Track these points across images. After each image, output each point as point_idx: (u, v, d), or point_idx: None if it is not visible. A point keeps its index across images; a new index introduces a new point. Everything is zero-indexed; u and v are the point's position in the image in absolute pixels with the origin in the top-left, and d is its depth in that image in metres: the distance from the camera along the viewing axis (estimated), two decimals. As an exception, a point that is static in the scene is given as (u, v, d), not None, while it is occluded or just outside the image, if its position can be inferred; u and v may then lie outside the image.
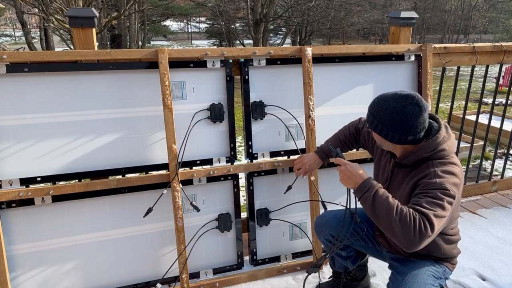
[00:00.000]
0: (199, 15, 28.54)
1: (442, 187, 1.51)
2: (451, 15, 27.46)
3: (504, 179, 3.42)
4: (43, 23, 15.45)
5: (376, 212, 1.49)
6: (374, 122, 1.61)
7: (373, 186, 1.54)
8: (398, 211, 1.45)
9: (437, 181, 1.53)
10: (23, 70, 1.86)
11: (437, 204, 1.47)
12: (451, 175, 1.56)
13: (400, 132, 1.57)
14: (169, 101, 1.99)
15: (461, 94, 11.59)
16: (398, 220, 1.43)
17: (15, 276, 1.99)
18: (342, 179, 1.63)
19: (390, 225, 1.45)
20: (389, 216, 1.45)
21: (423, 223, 1.43)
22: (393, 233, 1.46)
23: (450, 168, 1.58)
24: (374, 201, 1.50)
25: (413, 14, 2.52)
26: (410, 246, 1.44)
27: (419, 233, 1.42)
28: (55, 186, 1.96)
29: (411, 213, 1.44)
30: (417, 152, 1.62)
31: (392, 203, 1.48)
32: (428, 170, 1.59)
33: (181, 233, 2.08)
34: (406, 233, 1.42)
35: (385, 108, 1.58)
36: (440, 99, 3.85)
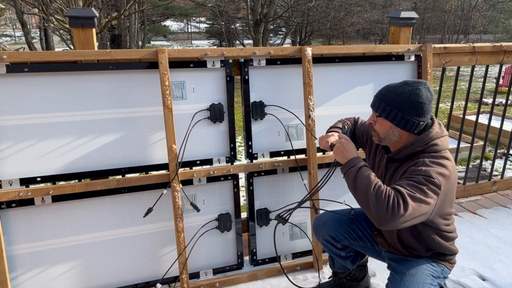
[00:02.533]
0: (199, 15, 28.53)
1: (426, 174, 1.52)
2: (451, 15, 27.45)
3: (504, 179, 3.42)
4: (43, 23, 15.46)
5: (357, 186, 1.51)
6: (388, 108, 1.60)
7: (359, 163, 1.56)
8: (375, 187, 1.47)
9: (423, 168, 1.55)
10: (23, 70, 1.86)
11: (418, 187, 1.48)
12: (440, 166, 1.57)
13: (415, 116, 1.58)
14: (169, 101, 1.99)
15: (461, 94, 11.59)
16: (374, 195, 1.45)
17: (15, 276, 1.99)
18: (336, 150, 1.65)
19: (366, 200, 1.47)
20: (367, 191, 1.47)
21: (397, 201, 1.43)
22: (368, 208, 1.47)
23: (440, 160, 1.59)
24: (356, 176, 1.52)
25: (413, 14, 2.52)
26: (382, 222, 1.44)
27: (392, 210, 1.42)
28: (55, 186, 1.96)
29: (387, 190, 1.46)
30: (410, 146, 1.63)
31: (372, 179, 1.49)
32: (417, 160, 1.61)
33: (181, 233, 2.08)
34: (379, 208, 1.43)
35: (400, 93, 1.59)
36: (440, 99, 3.85)
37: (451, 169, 1.60)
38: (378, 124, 1.66)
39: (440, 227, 1.69)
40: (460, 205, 3.15)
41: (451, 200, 1.68)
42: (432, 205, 1.50)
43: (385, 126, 1.64)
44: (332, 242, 1.93)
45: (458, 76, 2.94)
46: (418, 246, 1.72)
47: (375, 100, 1.66)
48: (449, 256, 1.76)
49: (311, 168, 2.28)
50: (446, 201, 1.63)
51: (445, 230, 1.72)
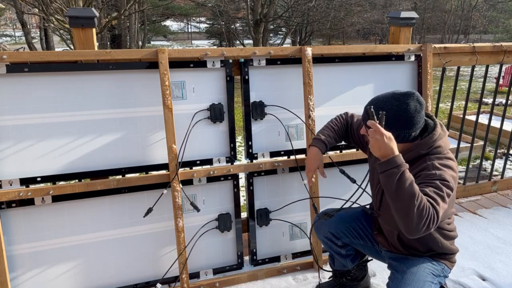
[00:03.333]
0: (199, 15, 28.54)
1: (442, 178, 1.53)
2: (451, 15, 27.44)
3: (504, 179, 3.42)
4: (43, 23, 15.46)
5: (398, 192, 1.46)
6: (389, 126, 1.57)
7: (403, 165, 1.49)
8: (419, 199, 1.44)
9: (436, 172, 1.55)
10: (23, 70, 1.86)
11: (440, 195, 1.49)
12: (449, 169, 1.58)
13: (405, 129, 1.59)
14: (169, 101, 1.99)
15: (461, 94, 11.59)
16: (416, 208, 1.43)
17: (15, 276, 1.99)
18: (373, 146, 1.53)
19: (407, 210, 1.44)
20: (411, 201, 1.43)
21: (433, 216, 1.45)
22: (406, 217, 1.45)
23: (446, 162, 1.60)
24: (400, 180, 1.46)
25: (413, 14, 2.52)
26: (414, 233, 1.46)
27: (428, 225, 1.44)
28: (55, 186, 1.96)
29: (428, 205, 1.45)
30: (414, 150, 1.63)
31: (416, 188, 1.46)
32: (425, 163, 1.60)
33: (181, 233, 2.08)
34: (418, 221, 1.43)
35: (387, 110, 1.57)
36: (440, 99, 3.84)
37: (456, 170, 1.62)
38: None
39: (442, 225, 1.70)
40: (460, 205, 3.15)
41: (453, 199, 1.70)
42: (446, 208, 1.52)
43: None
44: (332, 240, 1.93)
45: (458, 76, 2.94)
46: (419, 246, 1.73)
47: (364, 114, 1.64)
48: (450, 255, 1.76)
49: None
50: (451, 201, 1.64)
51: (447, 229, 1.73)
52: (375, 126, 1.51)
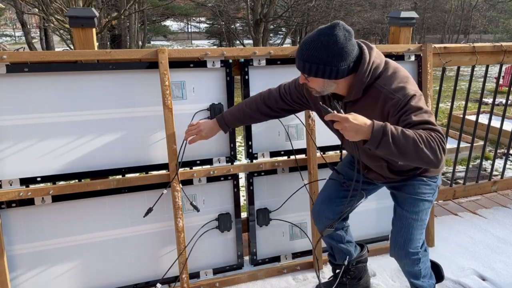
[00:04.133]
0: (199, 15, 28.53)
1: (406, 96, 1.52)
2: (451, 15, 27.44)
3: (504, 179, 3.42)
4: (43, 23, 15.46)
5: (402, 151, 1.41)
6: (313, 66, 1.52)
7: (385, 128, 1.42)
8: (420, 139, 1.41)
9: (397, 96, 1.53)
10: (23, 70, 1.86)
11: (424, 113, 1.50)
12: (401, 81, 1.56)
13: (342, 62, 1.51)
14: (169, 101, 2.00)
15: (461, 94, 11.59)
16: (426, 148, 1.41)
17: (15, 276, 1.99)
18: (350, 136, 1.45)
19: (419, 156, 1.42)
20: (417, 149, 1.41)
21: (440, 138, 1.44)
22: (422, 160, 1.44)
23: (393, 76, 1.58)
24: (395, 141, 1.41)
25: (413, 14, 2.51)
26: (438, 164, 1.46)
27: (443, 148, 1.44)
28: (55, 186, 1.96)
29: (431, 136, 1.43)
30: (357, 83, 1.57)
31: (411, 134, 1.42)
32: (381, 95, 1.57)
33: (181, 233, 2.08)
34: (434, 155, 1.42)
35: (318, 48, 1.50)
36: (440, 99, 3.85)
37: (403, 70, 1.63)
38: (311, 82, 1.60)
39: None
40: (460, 205, 3.15)
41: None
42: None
43: (318, 82, 1.58)
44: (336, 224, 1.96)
45: (458, 76, 2.94)
46: (409, 168, 1.76)
47: (298, 62, 1.57)
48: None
49: (311, 168, 2.28)
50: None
51: None
52: (336, 117, 1.47)
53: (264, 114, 1.95)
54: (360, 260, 2.10)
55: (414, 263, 1.84)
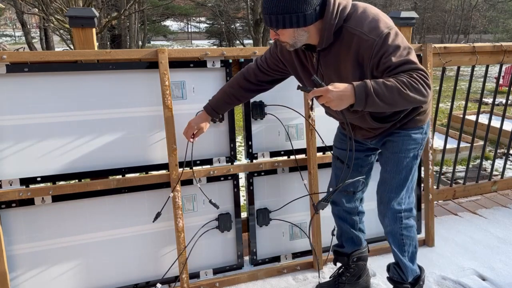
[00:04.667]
0: (199, 15, 28.55)
1: (381, 35, 1.49)
2: (451, 15, 27.45)
3: (504, 179, 3.42)
4: (43, 23, 15.46)
5: (389, 102, 1.44)
6: (279, 18, 1.50)
7: (366, 87, 1.42)
8: (402, 84, 1.42)
9: (371, 37, 1.50)
10: (23, 70, 1.86)
11: (400, 51, 1.48)
12: (372, 20, 1.53)
13: (305, 6, 1.48)
14: (169, 101, 2.00)
15: (461, 94, 11.59)
16: (411, 92, 1.43)
17: (15, 276, 1.99)
18: (336, 105, 1.45)
19: (407, 101, 1.46)
20: (403, 96, 1.43)
21: (422, 76, 1.45)
22: (411, 104, 1.49)
23: (363, 15, 1.55)
24: (380, 97, 1.42)
25: (413, 14, 2.52)
26: (428, 96, 1.48)
27: (427, 85, 1.46)
28: (55, 186, 1.96)
29: (411, 78, 1.44)
30: (326, 26, 1.54)
31: (393, 85, 1.42)
32: (354, 38, 1.53)
33: (181, 233, 2.08)
34: (421, 94, 1.45)
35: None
36: (440, 99, 3.85)
37: (375, 9, 1.60)
38: (281, 35, 1.57)
39: None
40: (460, 205, 3.15)
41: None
42: (406, 41, 1.55)
43: (288, 34, 1.56)
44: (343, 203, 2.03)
45: (458, 76, 2.94)
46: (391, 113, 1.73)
47: (264, 17, 1.55)
48: (422, 110, 1.78)
49: (311, 168, 2.28)
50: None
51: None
52: (317, 92, 1.47)
53: (247, 90, 1.92)
54: (360, 256, 2.11)
55: (397, 222, 1.85)
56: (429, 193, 2.56)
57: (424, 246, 2.57)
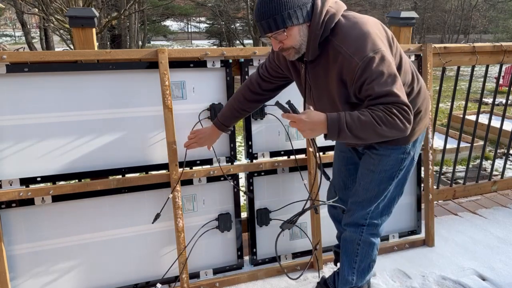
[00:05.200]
0: (199, 15, 28.54)
1: (365, 60, 1.38)
2: (451, 15, 27.44)
3: (504, 179, 3.42)
4: (43, 23, 15.46)
5: (361, 136, 1.41)
6: (285, 15, 1.41)
7: (339, 121, 1.40)
8: (377, 120, 1.37)
9: (355, 60, 1.40)
10: (23, 70, 1.86)
11: (383, 78, 1.38)
12: (358, 39, 1.42)
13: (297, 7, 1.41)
14: (169, 101, 2.00)
15: (461, 94, 11.59)
16: (385, 127, 1.38)
17: (15, 276, 1.99)
18: (307, 134, 1.47)
19: (381, 135, 1.41)
20: (376, 131, 1.39)
21: (401, 111, 1.38)
22: (387, 137, 1.43)
23: (350, 31, 1.44)
24: (352, 131, 1.40)
25: (413, 14, 2.52)
26: (407, 131, 1.42)
27: (406, 120, 1.39)
28: (55, 186, 1.96)
29: (388, 113, 1.37)
30: (312, 36, 1.46)
31: (367, 119, 1.38)
32: (339, 56, 1.44)
33: (181, 233, 2.08)
34: (397, 129, 1.39)
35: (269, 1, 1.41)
36: (440, 99, 3.85)
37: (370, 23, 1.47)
38: (288, 39, 1.47)
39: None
40: (460, 205, 3.15)
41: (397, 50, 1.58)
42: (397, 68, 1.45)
43: (294, 33, 1.46)
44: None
45: (458, 76, 2.94)
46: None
47: (263, 25, 1.44)
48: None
49: (311, 168, 2.28)
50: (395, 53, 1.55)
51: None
52: (290, 117, 1.47)
53: (253, 101, 1.89)
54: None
55: (357, 233, 1.80)
56: (429, 193, 2.56)
57: (424, 246, 2.57)
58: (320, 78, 1.58)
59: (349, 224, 1.84)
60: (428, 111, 1.77)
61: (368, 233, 1.81)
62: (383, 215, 1.82)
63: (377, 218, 1.81)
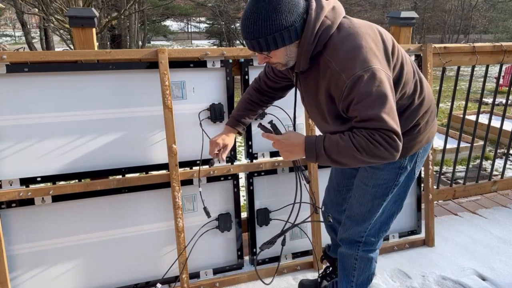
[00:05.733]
0: (199, 15, 28.53)
1: (353, 78, 1.27)
2: (451, 15, 27.44)
3: (504, 179, 3.42)
4: (43, 23, 15.45)
5: (342, 162, 1.35)
6: (269, 39, 1.32)
7: (317, 146, 1.35)
8: (357, 146, 1.29)
9: (343, 77, 1.29)
10: (23, 70, 1.86)
11: (371, 100, 1.27)
12: (349, 53, 1.30)
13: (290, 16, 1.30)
14: (169, 101, 2.00)
15: (461, 94, 11.59)
16: (366, 154, 1.29)
17: (15, 276, 1.99)
18: (286, 156, 1.45)
19: (362, 161, 1.32)
20: (356, 157, 1.31)
21: (385, 135, 1.27)
22: (370, 163, 1.34)
23: (342, 44, 1.32)
24: (330, 156, 1.34)
25: (413, 14, 2.52)
26: (394, 158, 1.32)
27: (389, 144, 1.28)
28: (55, 186, 1.96)
29: (369, 137, 1.28)
30: (303, 50, 1.37)
31: (345, 144, 1.31)
32: (328, 70, 1.35)
33: (181, 233, 2.08)
34: (380, 156, 1.30)
35: (264, 17, 1.30)
36: (440, 99, 3.85)
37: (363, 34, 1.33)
38: (273, 57, 1.41)
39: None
40: (460, 205, 3.15)
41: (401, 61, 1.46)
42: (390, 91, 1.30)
43: (280, 53, 1.39)
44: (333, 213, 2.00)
45: (458, 76, 2.94)
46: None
47: (250, 43, 1.37)
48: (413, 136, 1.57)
49: (311, 168, 2.28)
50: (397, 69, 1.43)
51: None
52: (270, 138, 1.46)
53: (263, 97, 1.84)
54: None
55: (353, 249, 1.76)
56: (429, 193, 2.56)
57: (424, 246, 2.57)
58: (311, 89, 1.50)
59: (344, 241, 1.79)
60: (432, 124, 1.64)
61: (365, 250, 1.77)
62: (381, 232, 1.77)
63: (374, 235, 1.75)
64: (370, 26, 1.43)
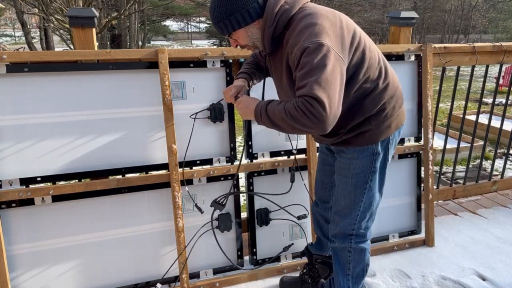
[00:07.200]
0: (199, 15, 28.52)
1: (301, 49, 1.35)
2: (451, 15, 27.44)
3: (504, 179, 3.42)
4: (43, 23, 15.45)
5: (279, 125, 1.44)
6: (226, 22, 1.47)
7: (263, 104, 1.49)
8: (286, 111, 1.37)
9: (295, 49, 1.39)
10: (23, 70, 1.86)
11: (309, 69, 1.33)
12: (308, 28, 1.38)
13: (238, 3, 1.44)
14: (169, 101, 2.00)
15: (461, 94, 11.59)
16: (291, 117, 1.36)
17: (15, 276, 1.99)
18: (242, 113, 1.62)
19: (292, 127, 1.39)
20: (284, 120, 1.39)
21: (306, 101, 1.31)
22: (300, 131, 1.40)
23: (300, 22, 1.41)
24: (268, 115, 1.45)
25: (413, 14, 2.52)
26: (321, 129, 1.35)
27: (310, 111, 1.31)
28: (55, 186, 1.96)
29: (295, 103, 1.35)
30: (265, 32, 1.49)
31: (279, 108, 1.40)
32: (287, 46, 1.45)
33: (181, 233, 2.08)
34: (302, 121, 1.34)
35: (215, 3, 1.47)
36: (440, 99, 3.85)
37: (322, 20, 1.40)
38: (239, 40, 1.55)
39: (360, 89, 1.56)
40: (460, 205, 3.15)
41: (363, 46, 1.53)
42: (337, 68, 1.35)
43: (242, 35, 1.52)
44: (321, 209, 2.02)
45: (458, 76, 2.94)
46: (345, 124, 1.60)
47: (216, 28, 1.52)
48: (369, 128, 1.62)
49: (311, 168, 2.28)
50: (356, 51, 1.49)
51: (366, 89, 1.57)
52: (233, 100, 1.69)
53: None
54: (325, 261, 2.10)
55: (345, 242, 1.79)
56: (429, 193, 2.56)
57: (424, 246, 2.57)
58: (278, 70, 1.61)
59: (337, 236, 1.82)
60: (399, 111, 1.69)
61: (357, 242, 1.80)
62: (368, 221, 1.81)
63: (363, 226, 1.79)
64: (332, 12, 1.50)
